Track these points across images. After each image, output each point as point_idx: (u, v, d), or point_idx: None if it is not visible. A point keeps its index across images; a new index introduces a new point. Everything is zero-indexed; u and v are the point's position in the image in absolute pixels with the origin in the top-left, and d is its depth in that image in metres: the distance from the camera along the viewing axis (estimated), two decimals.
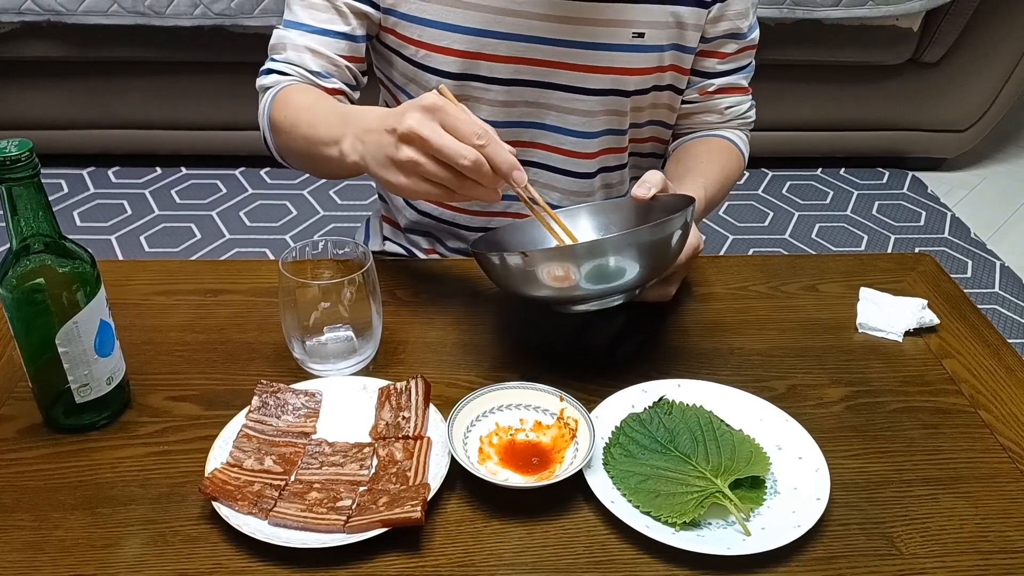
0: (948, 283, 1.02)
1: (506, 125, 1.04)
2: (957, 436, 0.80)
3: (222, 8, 2.27)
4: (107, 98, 2.51)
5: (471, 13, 0.97)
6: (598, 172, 1.11)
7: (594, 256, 0.74)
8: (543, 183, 1.10)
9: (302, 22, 0.99)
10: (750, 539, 0.67)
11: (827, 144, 2.69)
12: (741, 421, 0.78)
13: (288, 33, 1.00)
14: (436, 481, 0.70)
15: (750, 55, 1.11)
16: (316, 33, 0.99)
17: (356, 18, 1.00)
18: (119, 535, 0.68)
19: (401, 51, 1.02)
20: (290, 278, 0.80)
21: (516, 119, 1.04)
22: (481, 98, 1.02)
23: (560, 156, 1.08)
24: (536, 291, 0.78)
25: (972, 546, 0.69)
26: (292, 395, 0.79)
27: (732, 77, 1.11)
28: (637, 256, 0.75)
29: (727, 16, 1.04)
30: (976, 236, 2.50)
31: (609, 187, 1.15)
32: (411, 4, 0.98)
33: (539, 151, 1.08)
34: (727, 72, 1.10)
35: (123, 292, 0.95)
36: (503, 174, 0.74)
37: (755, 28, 1.09)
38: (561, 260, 0.75)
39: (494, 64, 1.00)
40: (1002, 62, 2.55)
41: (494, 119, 1.03)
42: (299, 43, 0.99)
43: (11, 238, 0.70)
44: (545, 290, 0.77)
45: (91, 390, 0.76)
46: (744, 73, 1.12)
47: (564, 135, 1.06)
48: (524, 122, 1.05)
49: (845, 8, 2.34)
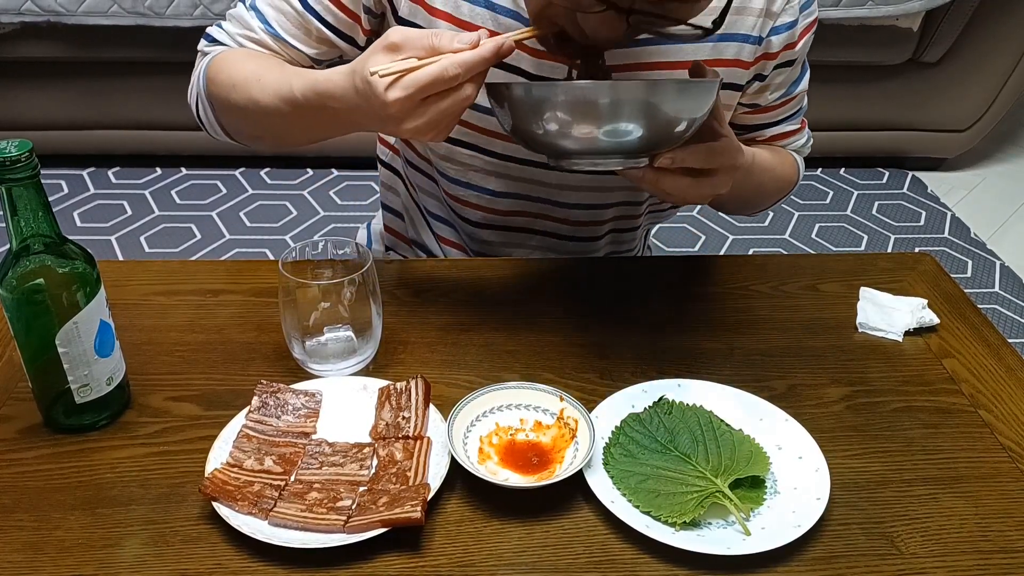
0: (948, 283, 1.02)
1: (510, 196, 1.01)
2: (957, 436, 0.80)
3: (222, 8, 2.27)
4: (107, 98, 2.51)
5: None
6: (607, 234, 1.09)
7: (608, 95, 0.68)
8: (546, 247, 1.07)
9: (266, 19, 0.92)
10: (750, 539, 0.67)
11: (827, 144, 2.69)
12: (741, 421, 0.78)
13: (251, 20, 0.92)
14: (436, 481, 0.70)
15: (801, 100, 1.03)
16: (275, 37, 0.92)
17: (321, 45, 0.93)
18: (119, 535, 0.68)
19: None
20: (290, 278, 0.80)
21: (522, 192, 1.00)
22: (483, 169, 0.98)
23: (568, 227, 1.05)
24: (540, 127, 0.71)
25: (972, 546, 0.69)
26: (292, 395, 0.79)
27: (783, 125, 1.04)
28: (659, 107, 0.69)
29: (771, 88, 0.97)
30: (976, 236, 2.50)
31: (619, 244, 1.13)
32: None
33: (548, 222, 1.04)
34: (777, 122, 1.04)
35: (123, 292, 0.95)
36: (493, 57, 0.70)
37: (805, 72, 1.00)
38: (574, 95, 0.70)
39: (494, 140, 0.95)
40: (1002, 62, 2.55)
41: (497, 191, 1.00)
42: (255, 35, 0.92)
43: (11, 238, 0.70)
44: (552, 124, 0.71)
45: (91, 390, 0.76)
46: (796, 118, 1.05)
47: (572, 209, 1.02)
48: (531, 196, 1.01)
49: (845, 8, 2.34)
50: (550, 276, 1.01)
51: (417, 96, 0.69)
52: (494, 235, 1.08)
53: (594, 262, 1.07)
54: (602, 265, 1.06)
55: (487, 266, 1.03)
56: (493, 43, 0.70)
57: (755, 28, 0.90)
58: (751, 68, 0.93)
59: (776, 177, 1.04)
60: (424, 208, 1.11)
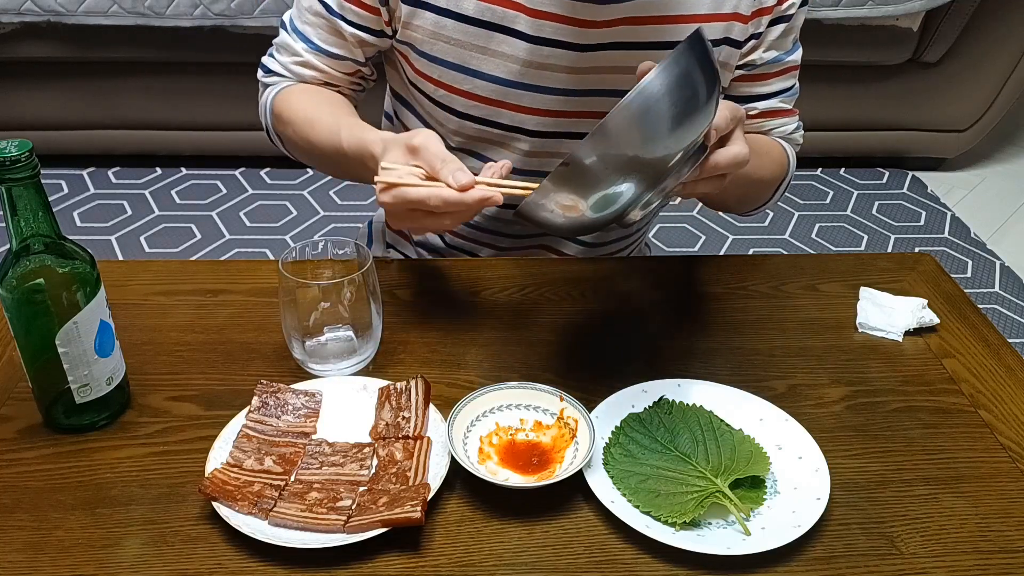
0: (948, 283, 1.02)
1: (527, 175, 1.00)
2: (957, 436, 0.80)
3: (222, 8, 2.27)
4: (107, 98, 2.51)
5: (496, 61, 0.92)
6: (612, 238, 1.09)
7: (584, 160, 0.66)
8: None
9: (307, 36, 0.98)
10: (750, 539, 0.67)
11: (827, 144, 2.69)
12: (741, 421, 0.78)
13: (294, 44, 0.99)
14: (436, 481, 0.70)
15: (793, 76, 1.03)
16: (318, 52, 0.98)
17: (359, 47, 0.97)
18: (119, 535, 0.68)
19: (419, 85, 0.98)
20: (290, 278, 0.80)
21: (536, 168, 1.00)
22: (503, 144, 0.99)
23: None
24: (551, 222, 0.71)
25: (972, 546, 0.69)
26: (292, 395, 0.79)
27: (774, 100, 1.04)
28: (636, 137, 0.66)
29: (764, 45, 0.98)
30: (976, 236, 2.50)
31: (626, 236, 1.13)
32: (432, 44, 0.93)
33: None
34: (768, 95, 1.03)
35: (123, 292, 0.95)
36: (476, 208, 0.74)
37: (797, 48, 1.01)
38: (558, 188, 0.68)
39: (516, 114, 0.96)
40: (1002, 62, 2.55)
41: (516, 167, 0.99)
42: (302, 57, 0.99)
43: (11, 238, 0.70)
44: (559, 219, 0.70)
45: (91, 390, 0.76)
46: (788, 95, 1.05)
47: None
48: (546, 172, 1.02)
49: (845, 8, 2.34)
50: (550, 276, 1.01)
51: (400, 207, 0.77)
52: (496, 239, 1.08)
53: (594, 262, 1.07)
54: (602, 265, 1.06)
55: (487, 266, 1.03)
56: (479, 194, 0.74)
57: None
58: (748, 23, 0.94)
59: (769, 161, 1.03)
60: None
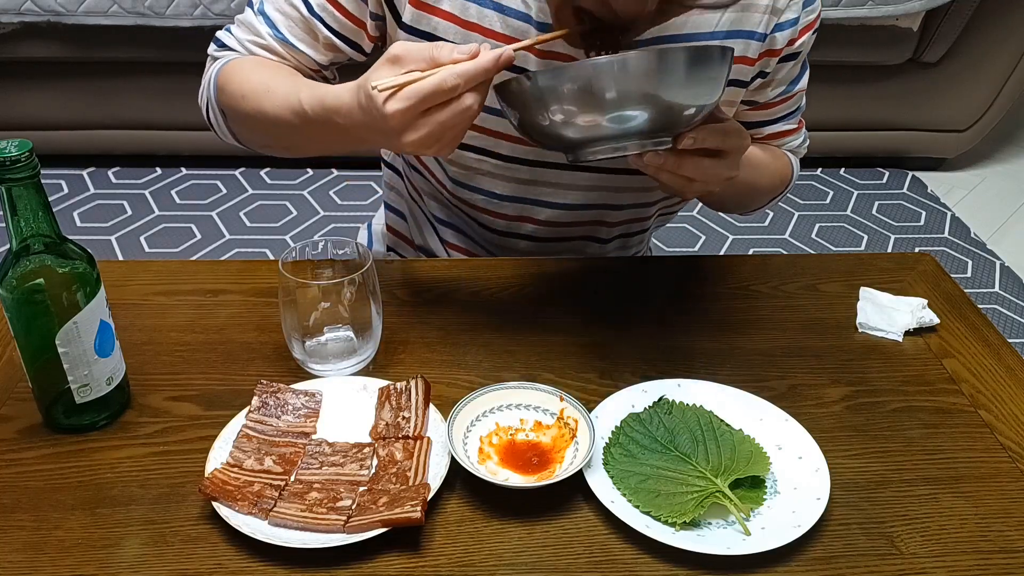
0: (948, 283, 1.02)
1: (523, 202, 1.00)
2: (957, 436, 0.80)
3: (222, 8, 2.27)
4: (107, 98, 2.51)
5: None
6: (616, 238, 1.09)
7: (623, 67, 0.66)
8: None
9: (275, 23, 0.92)
10: (750, 539, 0.67)
11: (827, 144, 2.69)
12: (741, 421, 0.78)
13: (259, 26, 0.92)
14: (436, 481, 0.70)
15: (799, 99, 1.03)
16: (284, 42, 0.92)
17: (330, 51, 0.93)
18: (119, 535, 0.68)
19: None
20: (290, 278, 0.80)
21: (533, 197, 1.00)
22: (490, 173, 0.98)
23: None
24: (547, 119, 0.70)
25: (972, 546, 0.69)
26: (292, 395, 0.79)
27: (781, 124, 1.03)
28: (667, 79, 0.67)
29: (774, 84, 0.97)
30: (976, 236, 2.50)
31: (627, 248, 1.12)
32: None
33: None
34: (775, 120, 1.03)
35: (123, 292, 0.95)
36: (493, 67, 0.69)
37: (805, 70, 1.00)
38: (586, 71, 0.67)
39: (516, 145, 0.95)
40: (1002, 62, 2.55)
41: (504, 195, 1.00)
42: (264, 41, 0.92)
43: (11, 238, 0.70)
44: (559, 115, 0.69)
45: (91, 390, 0.76)
46: (794, 117, 1.04)
47: None
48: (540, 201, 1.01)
49: (845, 8, 2.34)
50: (550, 276, 1.01)
51: (417, 108, 0.69)
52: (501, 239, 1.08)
53: (595, 262, 1.07)
54: (602, 265, 1.06)
55: (487, 266, 1.03)
56: (492, 53, 0.69)
57: (760, 25, 0.90)
58: (755, 65, 0.93)
59: (770, 173, 1.03)
60: (430, 214, 1.10)
